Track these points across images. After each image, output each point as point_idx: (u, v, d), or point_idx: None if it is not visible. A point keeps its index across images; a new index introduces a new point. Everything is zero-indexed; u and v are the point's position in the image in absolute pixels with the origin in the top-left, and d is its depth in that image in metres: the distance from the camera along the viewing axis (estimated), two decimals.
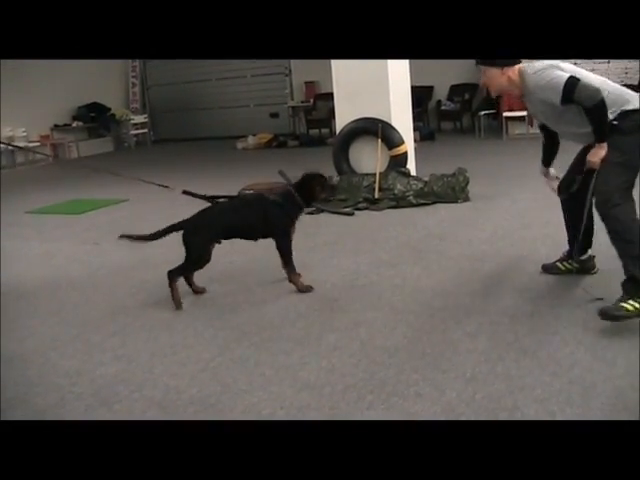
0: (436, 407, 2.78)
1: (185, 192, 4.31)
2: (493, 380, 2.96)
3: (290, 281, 4.30)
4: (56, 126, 14.71)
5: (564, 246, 4.16)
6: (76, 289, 4.81)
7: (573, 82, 3.37)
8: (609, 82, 3.55)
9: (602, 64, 10.84)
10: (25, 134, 13.65)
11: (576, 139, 3.75)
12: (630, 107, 3.42)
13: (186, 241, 4.14)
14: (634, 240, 3.39)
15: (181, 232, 4.20)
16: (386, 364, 3.21)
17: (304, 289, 4.29)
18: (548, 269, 4.24)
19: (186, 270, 4.24)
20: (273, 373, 3.21)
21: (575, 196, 3.81)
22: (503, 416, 2.66)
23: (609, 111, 3.39)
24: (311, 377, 3.14)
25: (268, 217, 4.21)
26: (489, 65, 3.65)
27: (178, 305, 4.16)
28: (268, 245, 4.30)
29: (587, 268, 4.11)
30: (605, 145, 3.43)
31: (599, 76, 3.58)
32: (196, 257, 4.16)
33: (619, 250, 3.44)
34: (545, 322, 3.54)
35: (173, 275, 4.19)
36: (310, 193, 4.30)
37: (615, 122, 3.41)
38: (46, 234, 6.84)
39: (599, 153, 3.46)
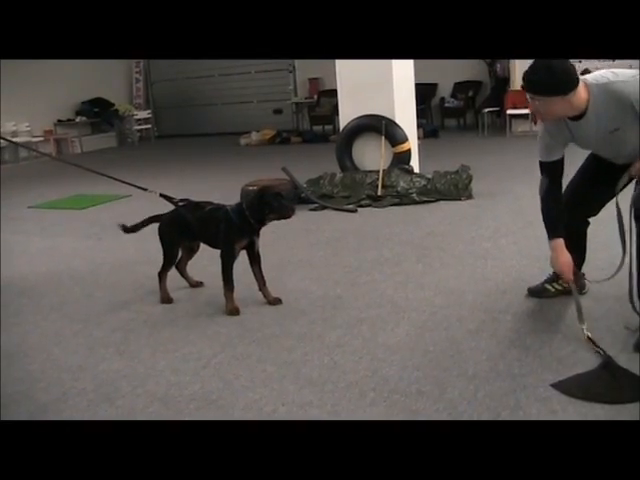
0: (438, 405, 2.78)
1: (162, 195, 4.29)
2: (495, 378, 2.96)
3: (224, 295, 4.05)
4: (59, 121, 14.75)
5: None
6: (78, 284, 4.82)
7: None
8: None
9: (606, 60, 10.79)
10: (29, 129, 13.68)
11: (631, 157, 3.19)
12: None
13: (161, 238, 4.30)
14: None
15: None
16: (388, 361, 3.21)
17: (230, 311, 3.97)
18: (536, 293, 3.84)
19: (164, 265, 4.31)
20: (275, 370, 3.22)
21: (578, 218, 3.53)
22: (505, 414, 2.66)
23: None
24: (313, 374, 3.14)
25: (219, 227, 4.01)
26: (550, 95, 3.01)
27: (167, 301, 4.27)
28: (268, 243, 4.30)
29: (579, 287, 3.65)
30: None
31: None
32: (169, 254, 4.29)
33: None
34: (547, 320, 3.53)
35: (160, 274, 4.31)
36: (259, 213, 3.91)
37: None
38: (48, 229, 6.85)
39: None
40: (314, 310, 3.94)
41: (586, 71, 7.48)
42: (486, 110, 12.02)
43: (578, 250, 3.57)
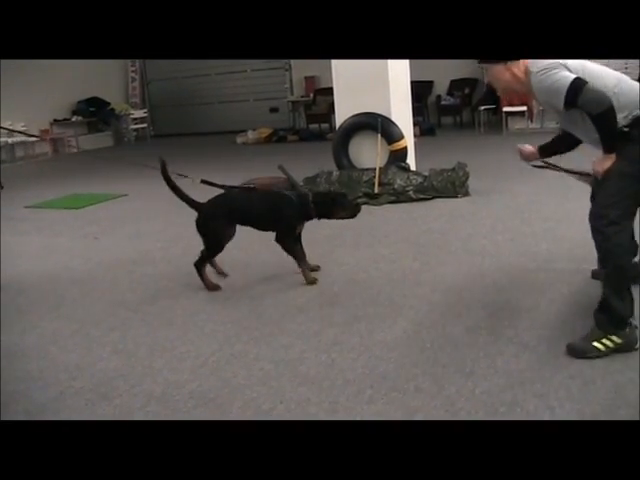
0: (436, 401, 2.78)
1: (203, 181, 4.33)
2: (492, 375, 2.96)
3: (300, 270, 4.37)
4: (56, 120, 14.72)
5: (564, 241, 4.15)
6: (76, 284, 4.81)
7: (578, 85, 2.97)
8: (627, 80, 3.11)
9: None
10: (25, 128, 13.63)
11: (592, 143, 3.23)
12: None
13: (203, 227, 4.32)
14: (624, 268, 3.07)
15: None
16: (386, 358, 3.21)
17: (310, 281, 4.33)
18: (598, 276, 3.60)
19: (206, 257, 4.38)
20: (273, 368, 3.22)
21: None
22: (502, 411, 2.66)
23: (621, 115, 2.98)
24: (311, 371, 3.15)
25: (276, 212, 4.29)
26: (492, 62, 3.27)
27: (214, 288, 4.35)
28: (267, 240, 4.30)
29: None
30: (613, 155, 3.03)
31: (616, 72, 3.15)
32: (214, 242, 4.33)
33: (605, 274, 3.11)
34: (545, 317, 3.54)
35: (199, 267, 4.36)
36: (327, 210, 4.37)
37: (626, 128, 3.00)
38: (46, 229, 6.84)
39: (605, 163, 3.06)
40: (311, 308, 3.95)
41: None
42: (482, 108, 12.02)
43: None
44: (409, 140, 7.49)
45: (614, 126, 2.99)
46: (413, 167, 7.39)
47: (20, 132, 9.58)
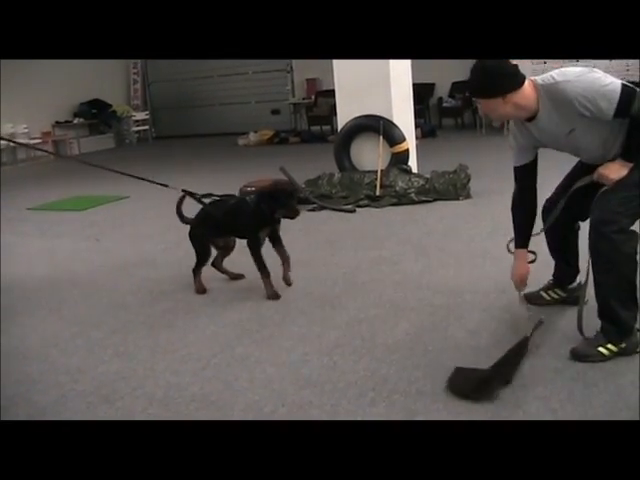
0: (437, 404, 2.78)
1: (184, 191, 4.34)
2: None
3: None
4: (57, 123, 14.72)
5: None
6: (77, 286, 4.81)
7: (631, 92, 2.81)
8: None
9: (603, 60, 10.81)
10: (27, 130, 13.64)
11: (594, 158, 3.13)
12: None
13: (191, 238, 4.44)
14: (630, 277, 2.97)
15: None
16: (387, 361, 3.21)
17: (271, 295, 4.18)
18: (531, 299, 3.68)
19: (198, 264, 4.43)
20: (274, 370, 3.21)
21: (566, 223, 3.42)
22: (505, 413, 2.66)
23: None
24: (312, 374, 3.14)
25: (241, 218, 4.24)
26: (487, 97, 3.01)
27: (201, 291, 4.41)
28: (267, 244, 4.29)
29: (575, 298, 3.46)
30: (630, 165, 2.93)
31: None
32: (201, 253, 4.42)
33: (607, 284, 2.99)
34: (547, 319, 3.53)
35: (194, 271, 4.44)
36: (269, 207, 4.13)
37: None
38: (47, 231, 6.85)
39: (620, 171, 2.93)
40: (313, 310, 3.94)
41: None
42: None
43: (566, 257, 3.60)
44: (411, 142, 7.49)
45: None
46: (415, 169, 7.39)
47: (20, 143, 9.59)
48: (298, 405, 2.87)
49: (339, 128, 7.65)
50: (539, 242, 3.49)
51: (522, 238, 3.38)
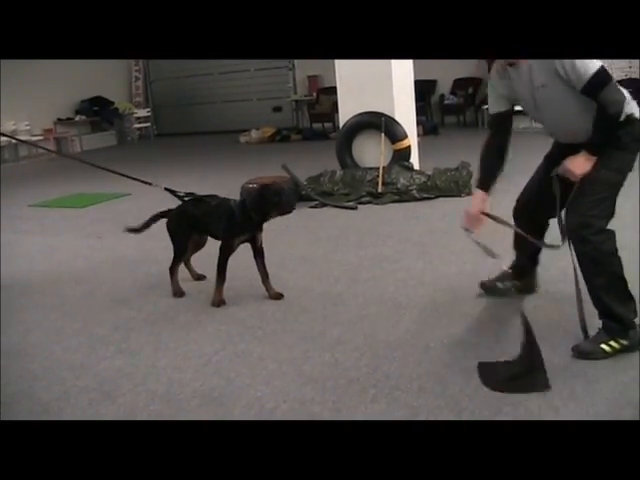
0: (439, 401, 2.78)
1: (167, 189, 4.31)
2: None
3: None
4: (59, 120, 14.73)
5: (566, 241, 4.12)
6: (79, 283, 4.82)
7: (606, 76, 2.90)
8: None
9: None
10: (28, 128, 13.66)
11: (559, 133, 3.30)
12: (634, 114, 3.01)
13: (169, 232, 4.36)
14: (618, 273, 3.03)
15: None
16: (389, 358, 3.21)
17: (215, 301, 4.10)
18: (487, 289, 3.83)
19: (174, 260, 4.36)
20: (276, 367, 3.22)
21: (533, 213, 3.55)
22: (506, 410, 2.66)
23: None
24: (314, 371, 3.14)
25: (221, 220, 4.12)
26: None
27: (178, 294, 4.33)
28: (268, 240, 4.29)
29: (531, 287, 3.79)
30: (594, 159, 3.00)
31: None
32: (178, 248, 4.34)
33: (599, 285, 3.04)
34: (548, 315, 3.53)
35: (171, 270, 4.37)
36: (261, 209, 3.98)
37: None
38: (49, 228, 6.85)
39: (584, 166, 3.00)
40: (315, 307, 3.95)
41: None
42: (486, 107, 11.96)
43: (532, 253, 3.70)
44: (412, 139, 7.48)
45: (614, 132, 2.97)
46: (416, 166, 7.39)
47: (21, 140, 9.58)
48: (300, 402, 2.87)
49: (341, 125, 7.65)
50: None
51: (484, 180, 3.54)
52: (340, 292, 4.18)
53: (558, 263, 4.33)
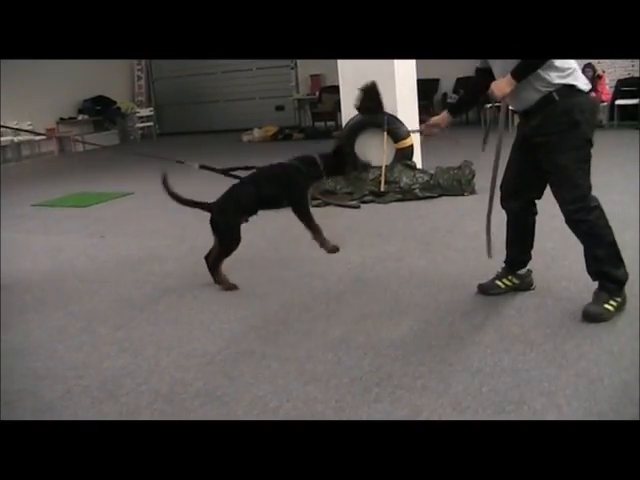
0: (442, 400, 2.78)
1: (202, 167, 4.31)
2: (499, 373, 2.96)
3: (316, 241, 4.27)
4: (62, 119, 14.74)
5: (571, 239, 4.12)
6: (82, 282, 4.82)
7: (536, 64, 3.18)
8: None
9: None
10: (31, 127, 13.66)
11: (516, 104, 3.47)
12: (578, 85, 3.21)
13: (216, 224, 4.20)
14: (613, 241, 3.35)
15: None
16: (392, 357, 3.21)
17: (331, 249, 4.28)
18: (486, 289, 3.89)
19: (222, 255, 4.25)
20: (279, 366, 3.22)
21: (525, 207, 3.68)
22: (509, 409, 2.66)
23: (555, 74, 3.16)
24: (317, 370, 3.14)
25: (285, 183, 4.23)
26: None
27: (231, 287, 4.29)
28: (272, 239, 4.30)
29: (527, 284, 3.87)
30: (514, 82, 3.18)
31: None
32: (229, 239, 4.20)
33: (599, 255, 3.35)
34: (551, 315, 3.53)
35: (214, 266, 4.28)
36: (338, 166, 4.32)
37: (555, 94, 3.20)
38: (52, 227, 6.86)
39: (505, 88, 3.22)
40: (318, 306, 3.94)
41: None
42: (488, 105, 11.95)
43: (522, 244, 3.78)
44: (415, 138, 7.47)
45: (538, 65, 3.13)
46: (419, 165, 7.38)
47: (26, 130, 9.60)
48: (303, 400, 2.87)
49: (343, 124, 7.64)
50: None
51: (454, 106, 3.97)
52: (343, 291, 4.17)
53: (562, 262, 4.34)
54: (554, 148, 3.28)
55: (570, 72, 3.21)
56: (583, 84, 3.25)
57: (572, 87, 3.21)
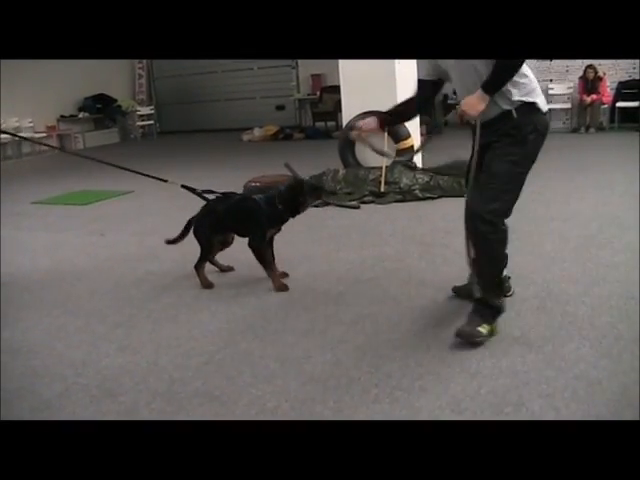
0: (441, 401, 2.78)
1: (183, 186, 4.37)
2: (498, 375, 2.96)
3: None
4: (62, 117, 14.74)
5: (569, 241, 4.13)
6: (82, 280, 4.82)
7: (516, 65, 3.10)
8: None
9: None
10: (32, 125, 13.69)
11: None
12: (537, 104, 3.17)
13: (195, 234, 4.43)
14: (501, 269, 3.37)
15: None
16: (391, 358, 3.21)
17: (278, 288, 4.24)
18: (459, 292, 3.87)
19: (201, 260, 4.43)
20: (278, 366, 3.22)
21: None
22: (508, 411, 2.66)
23: (516, 90, 3.11)
24: (316, 370, 3.14)
25: (250, 217, 4.29)
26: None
27: (207, 286, 4.40)
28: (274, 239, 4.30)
29: (504, 290, 3.67)
30: (487, 98, 3.09)
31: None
32: (205, 248, 4.42)
33: (485, 275, 3.31)
34: (550, 317, 3.53)
35: (197, 267, 4.43)
36: (294, 204, 4.23)
37: (514, 112, 3.13)
38: (52, 225, 6.86)
39: (477, 105, 3.12)
40: (317, 306, 3.94)
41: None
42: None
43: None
44: (416, 138, 7.48)
45: (508, 77, 3.06)
46: (419, 166, 7.38)
47: (23, 137, 9.60)
48: (301, 401, 2.87)
49: (344, 124, 7.65)
50: None
51: (392, 115, 4.05)
52: (342, 291, 4.18)
53: (560, 264, 4.35)
54: (495, 155, 3.19)
55: (531, 89, 3.15)
56: (542, 103, 3.20)
57: (531, 105, 3.15)
